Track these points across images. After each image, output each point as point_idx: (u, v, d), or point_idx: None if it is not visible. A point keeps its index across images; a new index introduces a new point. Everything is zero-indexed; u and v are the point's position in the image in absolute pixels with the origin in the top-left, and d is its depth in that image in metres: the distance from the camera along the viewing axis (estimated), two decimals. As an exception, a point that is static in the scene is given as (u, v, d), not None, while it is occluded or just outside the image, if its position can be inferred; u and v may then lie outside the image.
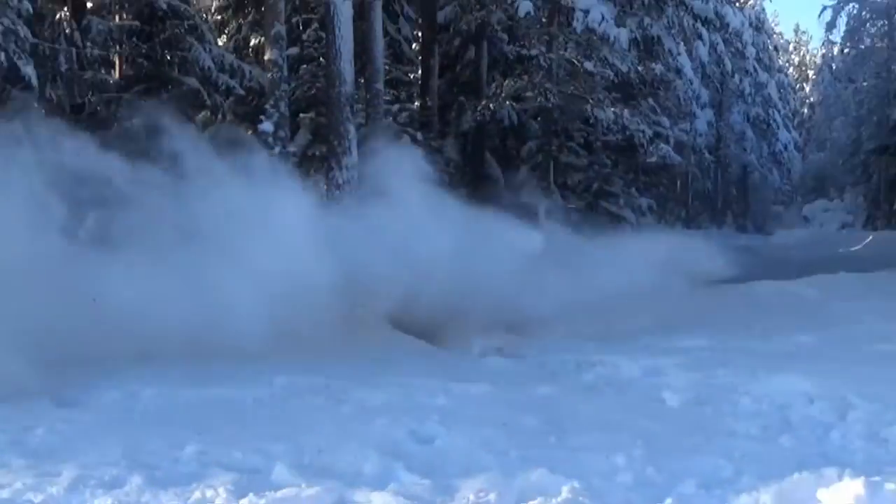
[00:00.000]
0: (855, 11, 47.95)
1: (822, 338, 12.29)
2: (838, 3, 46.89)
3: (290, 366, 9.40)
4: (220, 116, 23.28)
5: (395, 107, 24.88)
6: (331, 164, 20.32)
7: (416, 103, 28.11)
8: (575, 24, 27.73)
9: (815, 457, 6.81)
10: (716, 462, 6.53)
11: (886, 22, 47.02)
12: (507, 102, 29.26)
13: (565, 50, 28.52)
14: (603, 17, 27.37)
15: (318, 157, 22.81)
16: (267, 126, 19.24)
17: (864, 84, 51.65)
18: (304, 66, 24.39)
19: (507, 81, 29.28)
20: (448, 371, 9.87)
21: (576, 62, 28.47)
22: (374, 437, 6.85)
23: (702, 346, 11.90)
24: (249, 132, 22.23)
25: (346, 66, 20.01)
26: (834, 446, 7.22)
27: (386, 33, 25.76)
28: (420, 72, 29.85)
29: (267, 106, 19.53)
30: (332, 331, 11.12)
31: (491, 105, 28.79)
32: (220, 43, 26.47)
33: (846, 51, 54.15)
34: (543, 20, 28.89)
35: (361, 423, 7.29)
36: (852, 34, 50.10)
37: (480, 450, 6.67)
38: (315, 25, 24.65)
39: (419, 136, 25.41)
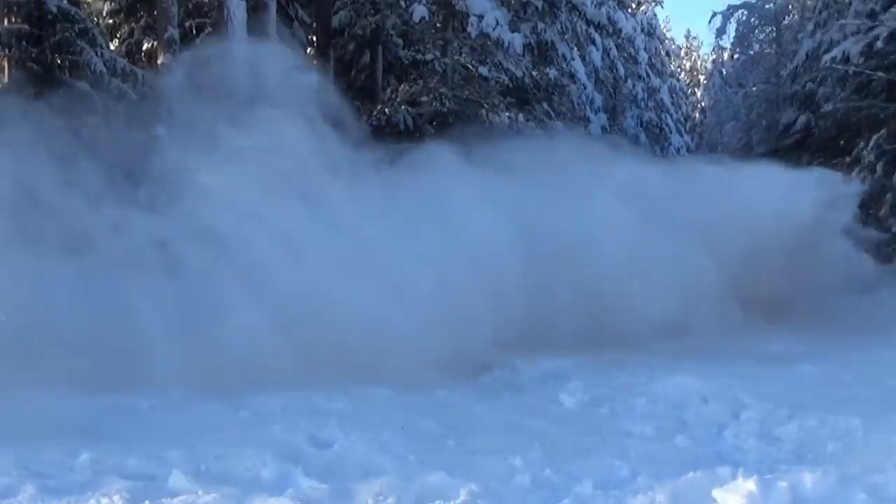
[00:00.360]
0: (744, 18, 48.83)
1: (714, 339, 12.50)
2: (728, 9, 47.71)
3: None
4: (112, 120, 22.93)
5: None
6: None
7: (311, 108, 27.98)
8: (469, 29, 27.92)
9: (709, 456, 6.98)
10: (612, 463, 6.65)
11: (775, 28, 47.97)
12: (403, 107, 29.29)
13: (460, 55, 28.67)
14: (497, 22, 27.59)
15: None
16: (161, 131, 19.05)
17: (754, 89, 52.53)
18: (200, 70, 24.16)
19: (402, 86, 29.33)
20: (344, 375, 9.88)
21: (470, 67, 28.63)
22: (272, 442, 6.86)
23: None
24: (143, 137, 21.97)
25: (242, 71, 19.91)
26: (728, 445, 7.40)
27: (280, 37, 25.65)
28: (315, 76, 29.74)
29: (161, 110, 19.33)
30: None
31: (386, 110, 28.82)
32: (113, 47, 26.08)
33: (736, 56, 55.16)
34: (438, 25, 29.01)
35: (259, 429, 7.29)
36: (742, 40, 51.05)
37: (379, 454, 6.71)
38: (209, 29, 24.43)
39: (315, 140, 25.32)
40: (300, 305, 10.32)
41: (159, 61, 19.52)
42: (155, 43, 21.64)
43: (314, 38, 31.02)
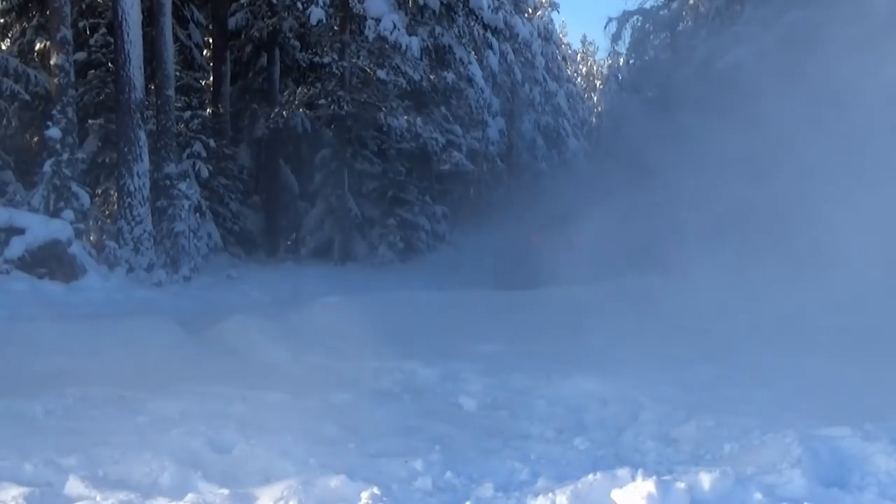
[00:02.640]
0: (639, 24, 49.52)
1: (613, 340, 12.61)
2: (623, 15, 48.38)
3: (82, 376, 9.18)
4: (4, 122, 22.52)
5: (187, 113, 24.58)
6: (121, 170, 20.02)
7: (208, 110, 27.80)
8: (367, 32, 27.95)
9: (608, 458, 7.03)
10: (512, 465, 6.65)
11: (669, 34, 48.69)
12: (301, 110, 29.25)
13: (358, 58, 28.69)
14: (395, 26, 27.65)
15: (108, 164, 22.36)
16: (54, 132, 18.81)
17: (650, 94, 53.34)
18: (93, 71, 23.88)
19: (300, 89, 29.25)
20: (243, 379, 9.80)
21: (368, 70, 28.67)
22: (170, 446, 6.75)
23: (498, 350, 12.03)
24: (36, 138, 21.64)
25: (136, 72, 19.76)
26: (627, 447, 7.44)
27: (176, 39, 25.49)
28: (212, 78, 29.55)
29: (54, 112, 19.09)
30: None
31: (284, 112, 28.74)
32: (4, 47, 25.60)
33: (631, 62, 55.92)
34: (335, 28, 28.97)
35: (157, 433, 7.18)
36: (637, 46, 51.75)
37: (279, 458, 6.65)
38: (103, 30, 24.14)
39: (211, 143, 25.17)
40: None
41: (52, 62, 19.18)
42: (48, 43, 21.27)
43: (210, 41, 30.81)
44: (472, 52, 35.51)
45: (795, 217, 20.51)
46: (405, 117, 28.46)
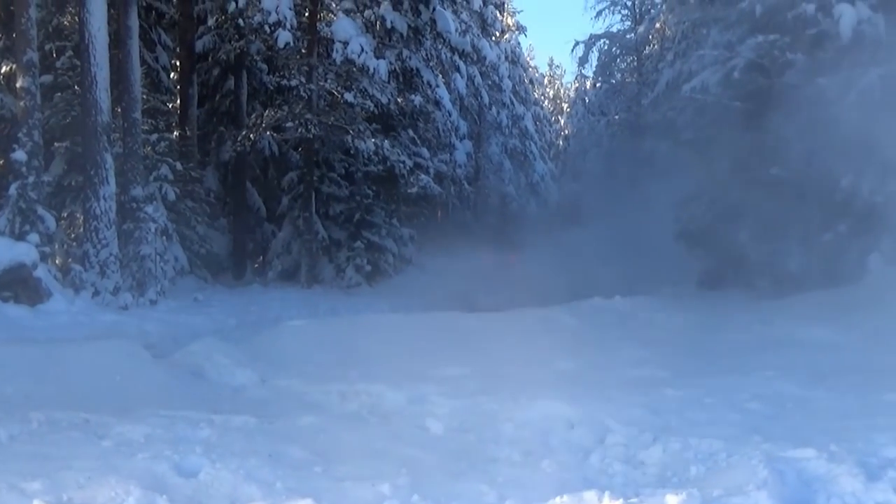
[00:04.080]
0: (606, 47, 50.00)
1: (581, 364, 12.61)
2: (590, 38, 48.79)
3: (47, 400, 9.10)
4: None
5: (154, 136, 24.49)
6: (87, 194, 19.92)
7: (175, 133, 27.71)
8: (334, 55, 27.99)
9: (575, 480, 7.01)
10: (479, 488, 6.65)
11: (636, 58, 49.16)
12: (268, 133, 29.21)
13: (325, 81, 28.69)
14: (362, 49, 27.72)
15: (74, 187, 22.23)
16: (20, 155, 18.68)
17: (616, 117, 53.67)
18: (59, 94, 23.74)
19: (267, 111, 29.19)
20: (209, 403, 9.75)
21: (336, 93, 28.67)
22: (136, 471, 6.70)
23: (465, 373, 11.99)
24: (1, 161, 21.51)
25: (103, 95, 19.69)
26: (594, 469, 7.43)
27: (143, 62, 25.44)
28: (179, 101, 29.46)
29: (20, 134, 18.95)
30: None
31: (251, 135, 28.68)
32: (-30, 69, 25.43)
33: (598, 85, 56.35)
34: (303, 51, 28.97)
35: (122, 458, 7.12)
36: (604, 69, 52.22)
37: (245, 482, 6.61)
38: (69, 53, 24.03)
39: (178, 165, 25.09)
40: None
41: (18, 84, 19.07)
42: (13, 66, 21.14)
43: (178, 63, 30.75)
44: (440, 76, 35.63)
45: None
46: (373, 140, 28.47)
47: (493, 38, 46.44)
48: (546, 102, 79.68)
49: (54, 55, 25.23)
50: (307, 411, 9.53)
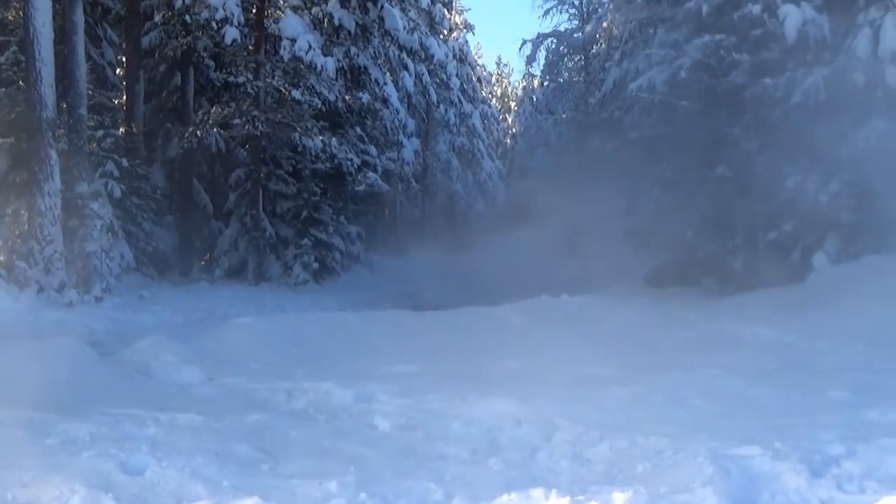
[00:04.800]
0: (553, 46, 50.00)
1: (529, 362, 12.64)
2: (538, 37, 48.79)
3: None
4: None
5: (100, 132, 24.26)
6: (32, 190, 19.69)
7: (121, 129, 27.47)
8: (282, 52, 27.85)
9: (523, 478, 7.02)
10: (427, 486, 6.64)
11: (583, 57, 49.22)
12: (215, 129, 29.01)
13: (273, 78, 28.55)
14: (310, 46, 27.59)
15: (18, 184, 21.96)
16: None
17: (564, 116, 53.77)
18: (3, 89, 23.42)
19: (214, 108, 29.00)
20: (155, 401, 9.69)
21: (283, 90, 28.54)
22: (81, 469, 6.63)
23: (412, 371, 12.00)
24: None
25: (48, 91, 19.47)
26: (541, 467, 7.44)
27: (89, 57, 25.18)
28: (125, 97, 29.21)
29: (-37, 131, 18.71)
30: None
31: (198, 132, 28.49)
32: None
33: (546, 84, 56.44)
34: (250, 48, 28.81)
35: (68, 456, 7.05)
36: (551, 67, 52.27)
37: (192, 480, 6.57)
38: (14, 48, 23.70)
39: (124, 162, 24.89)
40: None
41: (-41, 81, 18.83)
42: (-45, 62, 20.88)
43: (124, 59, 30.48)
44: (388, 73, 35.60)
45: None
46: (320, 137, 28.37)
47: (441, 36, 46.43)
48: (494, 101, 79.79)
49: (-2, 50, 24.91)
50: (254, 409, 9.51)
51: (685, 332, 15.47)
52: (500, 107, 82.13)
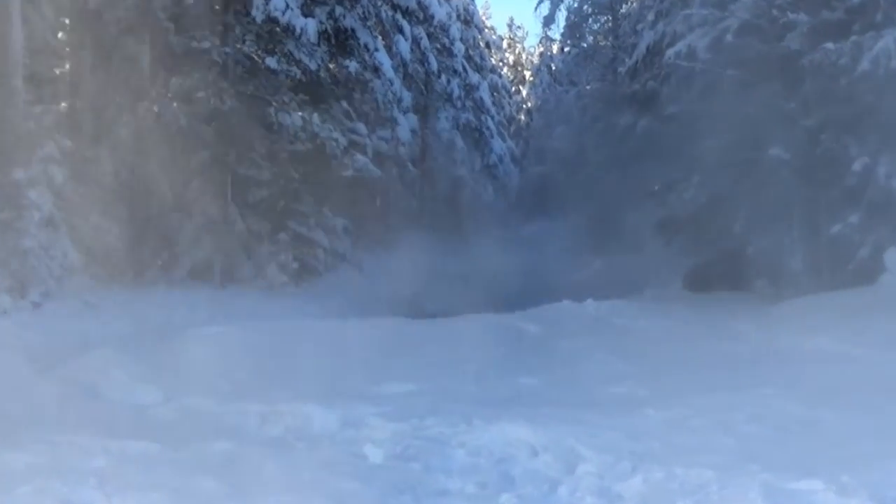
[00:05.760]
0: (576, 5, 49.97)
1: (547, 379, 12.64)
2: (557, -6, 48.76)
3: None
4: None
5: (38, 108, 24.23)
6: (-44, 177, 19.68)
7: (63, 104, 27.41)
8: (254, 12, 27.79)
9: (540, 518, 7.04)
10: (426, 527, 6.66)
11: (611, 18, 49.14)
12: (175, 104, 28.94)
13: (243, 43, 28.53)
14: (287, 6, 27.56)
15: (-62, 165, 21.94)
16: None
17: (588, 87, 53.80)
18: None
19: (174, 80, 28.95)
20: (104, 426, 9.67)
21: (256, 58, 28.52)
22: (18, 507, 6.66)
23: (409, 391, 12.04)
24: None
25: (-26, 58, 19.46)
26: (562, 505, 7.47)
27: (26, 20, 25.08)
28: (68, 67, 29.15)
29: None
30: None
31: (155, 107, 28.43)
32: None
33: (567, 49, 56.47)
34: (216, 8, 28.75)
35: (1, 492, 7.06)
36: (573, 31, 52.21)
37: (147, 521, 6.59)
38: (-61, 7, 23.70)
39: (68, 143, 24.84)
40: None
41: None
42: None
43: (68, 22, 30.43)
44: (379, 38, 35.54)
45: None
46: (299, 113, 28.33)
47: (443, -7, 46.43)
48: (505, 70, 79.85)
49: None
50: (221, 436, 9.49)
51: (733, 345, 15.46)
52: (512, 77, 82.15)
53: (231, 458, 8.53)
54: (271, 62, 28.19)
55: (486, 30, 67.21)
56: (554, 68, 63.74)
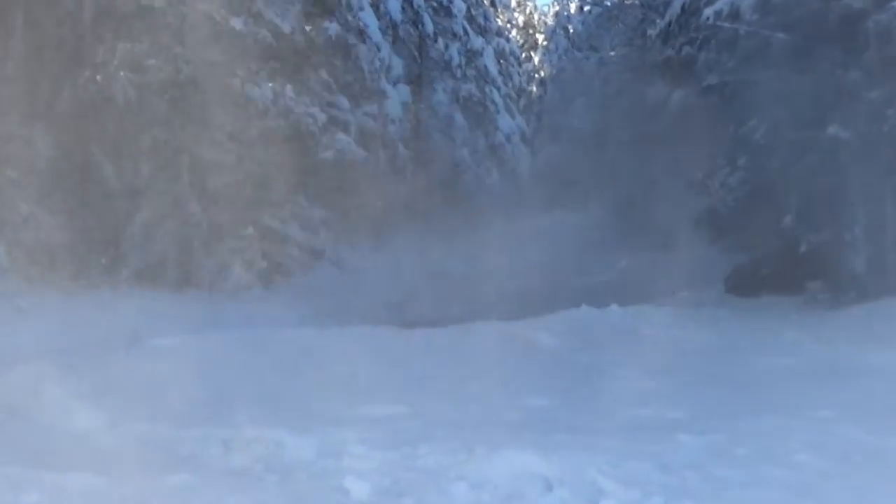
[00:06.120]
0: (597, -45, 50.06)
1: (563, 400, 12.65)
2: (575, -57, 48.87)
3: None
4: None
5: (-42, 79, 24.29)
6: None
7: (-13, 73, 27.48)
8: (216, -37, 27.79)
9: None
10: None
11: (638, -30, 49.22)
12: (122, 74, 28.96)
13: (203, 1, 28.50)
14: (255, -43, 27.56)
15: None
16: None
17: (612, 54, 53.88)
18: None
19: (121, 45, 28.96)
20: (37, 455, 9.67)
21: (218, 19, 28.50)
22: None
23: (399, 413, 12.04)
24: None
25: None
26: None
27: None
28: (-7, 28, 29.23)
29: None
30: None
31: (99, 77, 28.44)
32: None
33: (587, 9, 56.53)
34: (172, -43, 28.79)
35: None
36: (595, -14, 52.34)
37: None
38: None
39: (-6, 120, 24.90)
40: None
41: None
42: None
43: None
44: (365, -6, 35.61)
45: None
46: (270, 85, 28.35)
47: (441, -57, 46.53)
48: (514, 33, 79.85)
49: None
50: (177, 467, 9.50)
51: (784, 359, 15.48)
52: (522, 41, 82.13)
53: (188, 492, 8.54)
54: (237, 23, 28.21)
55: (492, -15, 67.26)
56: (572, 31, 63.94)
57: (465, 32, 53.17)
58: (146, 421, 11.24)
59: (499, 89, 59.35)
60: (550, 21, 77.05)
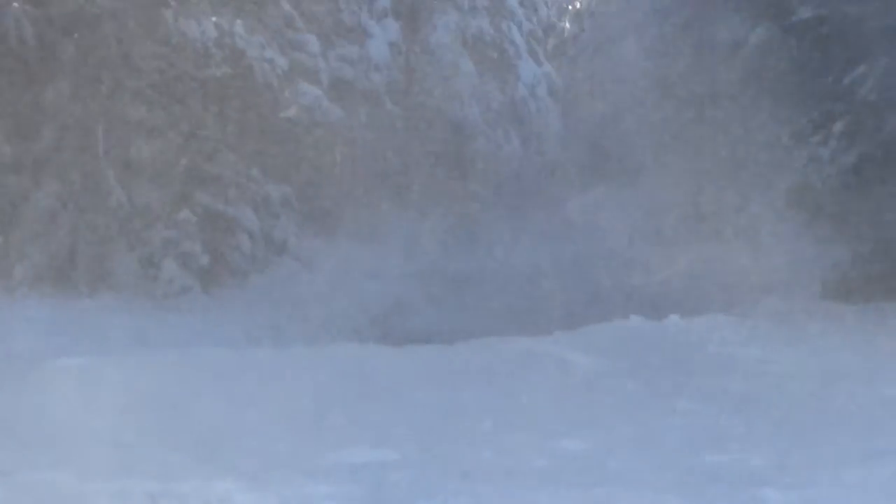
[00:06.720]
0: None
1: (605, 442, 12.68)
2: None
3: None
4: None
5: None
6: None
7: None
8: None
9: None
10: None
11: None
12: (16, 5, 29.03)
13: None
14: None
15: None
16: None
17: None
18: None
19: (15, -35, 29.06)
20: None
21: (143, -73, 28.58)
22: None
23: (386, 460, 12.07)
24: None
25: None
26: None
27: None
28: None
29: None
30: None
31: (-15, 10, 28.53)
32: None
33: (637, -83, 56.52)
34: None
35: None
36: None
37: None
38: None
39: None
40: None
41: None
42: None
43: None
44: None
45: None
46: (213, 19, 28.38)
47: None
48: (541, -51, 79.92)
49: None
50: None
51: (867, 391, 15.49)
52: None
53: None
54: (168, -60, 28.31)
55: None
56: (617, -56, 63.88)
57: (475, -52, 53.20)
58: (46, 468, 11.27)
59: (520, 25, 59.24)
60: (589, -69, 77.20)
